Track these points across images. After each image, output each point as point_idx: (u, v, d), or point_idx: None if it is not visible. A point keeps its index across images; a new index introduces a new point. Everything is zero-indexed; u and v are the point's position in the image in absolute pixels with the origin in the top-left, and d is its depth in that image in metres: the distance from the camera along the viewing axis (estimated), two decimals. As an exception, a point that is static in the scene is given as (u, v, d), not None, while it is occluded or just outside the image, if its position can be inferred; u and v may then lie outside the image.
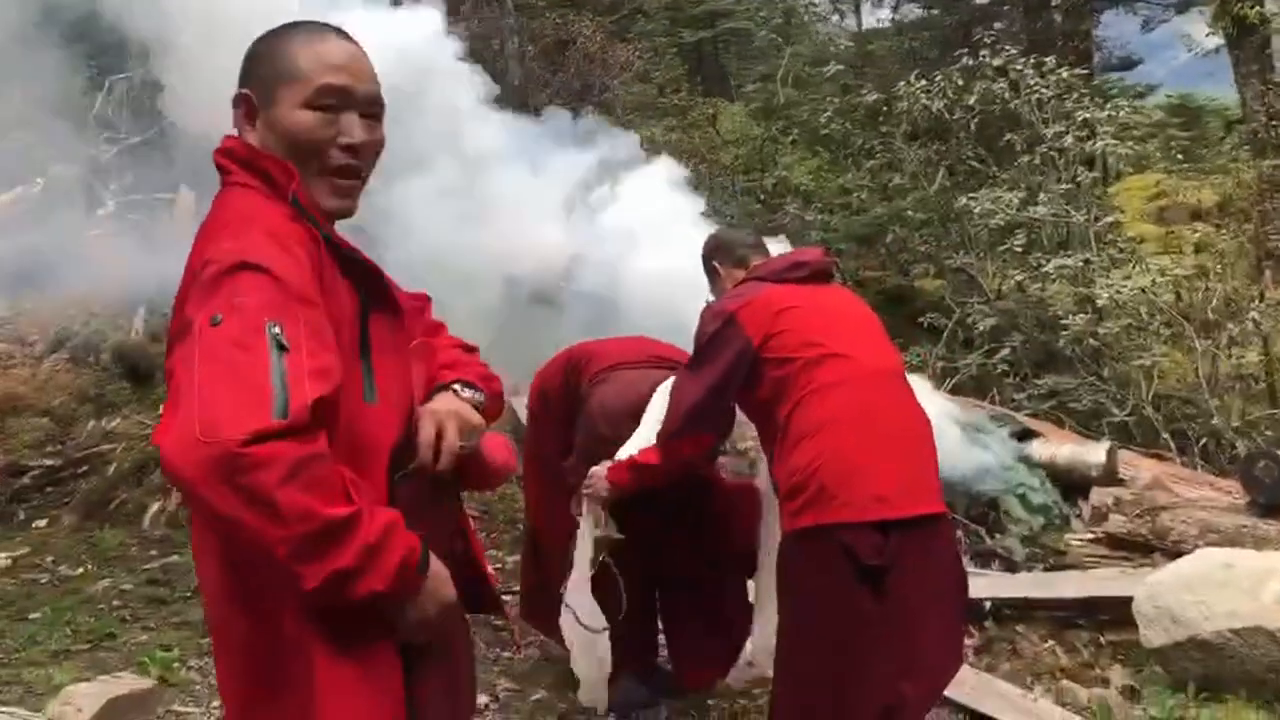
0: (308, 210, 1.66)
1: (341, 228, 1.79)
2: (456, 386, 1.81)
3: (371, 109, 1.73)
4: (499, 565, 5.30)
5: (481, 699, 3.96)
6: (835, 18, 21.46)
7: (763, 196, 12.34)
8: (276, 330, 1.48)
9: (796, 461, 2.84)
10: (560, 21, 18.98)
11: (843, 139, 12.06)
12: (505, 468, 1.93)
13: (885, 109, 11.34)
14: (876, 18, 20.90)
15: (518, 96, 17.14)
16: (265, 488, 1.42)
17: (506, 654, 4.42)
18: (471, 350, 1.97)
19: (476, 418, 1.80)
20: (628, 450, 3.55)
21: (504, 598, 4.69)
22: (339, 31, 1.75)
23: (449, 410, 1.75)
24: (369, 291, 1.70)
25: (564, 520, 3.92)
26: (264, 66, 1.70)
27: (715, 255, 3.39)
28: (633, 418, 3.66)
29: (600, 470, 3.48)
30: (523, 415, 4.50)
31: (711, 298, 3.39)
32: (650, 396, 3.64)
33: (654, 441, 3.39)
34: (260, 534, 1.45)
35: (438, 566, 1.66)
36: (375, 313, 1.70)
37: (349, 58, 1.71)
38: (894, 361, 3.14)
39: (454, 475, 1.78)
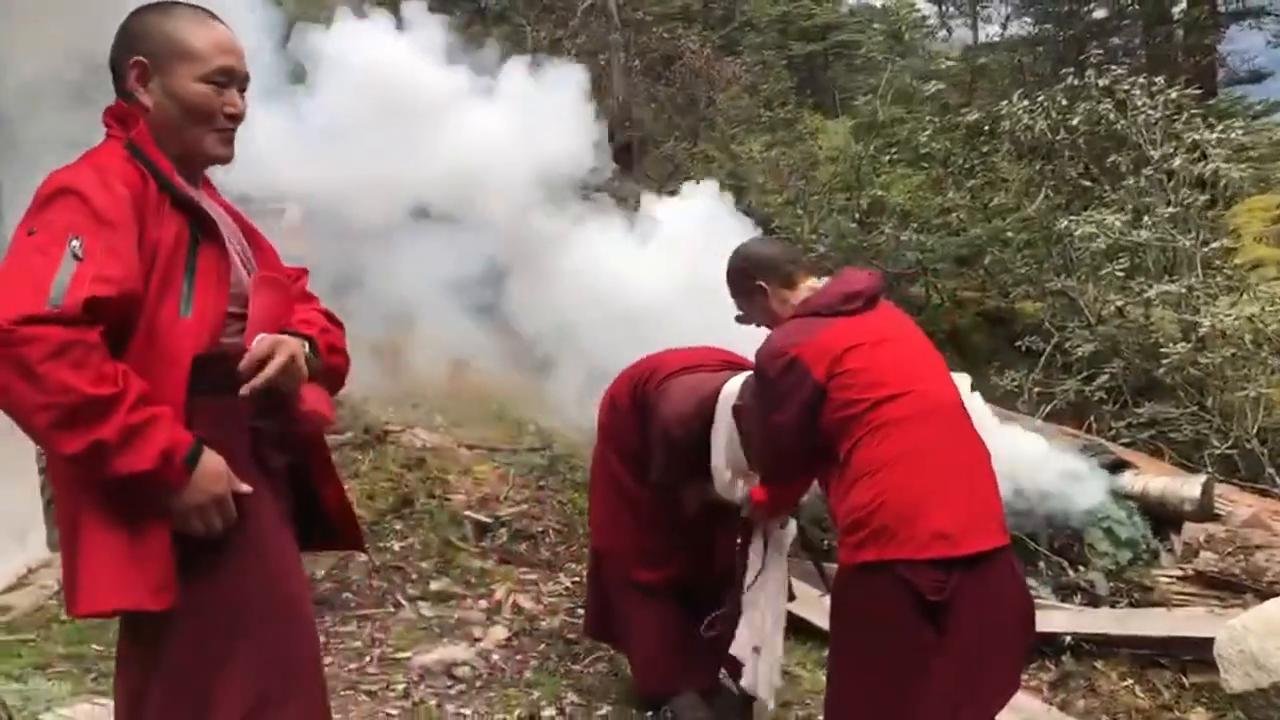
0: (143, 153, 2.00)
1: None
2: (305, 341, 2.10)
3: (244, 84, 2.14)
4: (576, 578, 5.42)
5: (548, 711, 4.08)
6: (943, 33, 21.13)
7: (858, 215, 12.24)
8: (75, 244, 1.81)
9: (858, 498, 2.86)
10: (667, 36, 19.13)
11: (943, 157, 11.87)
12: (315, 413, 2.15)
13: (988, 128, 11.15)
14: (986, 33, 20.55)
15: (622, 111, 17.37)
16: (29, 361, 1.73)
17: (576, 667, 4.52)
18: (336, 322, 2.29)
19: (305, 369, 2.07)
20: (718, 464, 3.67)
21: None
22: (214, 16, 2.13)
23: (287, 346, 2.02)
24: (199, 226, 2.02)
25: (628, 538, 4.02)
26: (157, 41, 2.04)
27: (758, 273, 3.25)
28: (701, 418, 3.74)
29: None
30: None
31: (740, 311, 3.36)
32: (717, 395, 3.72)
33: (729, 456, 3.60)
34: (22, 400, 1.76)
35: (213, 462, 1.91)
36: (204, 243, 2.02)
37: (234, 43, 2.11)
38: (952, 392, 3.12)
39: (275, 404, 2.05)
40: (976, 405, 6.23)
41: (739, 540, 3.81)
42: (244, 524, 1.97)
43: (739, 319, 3.41)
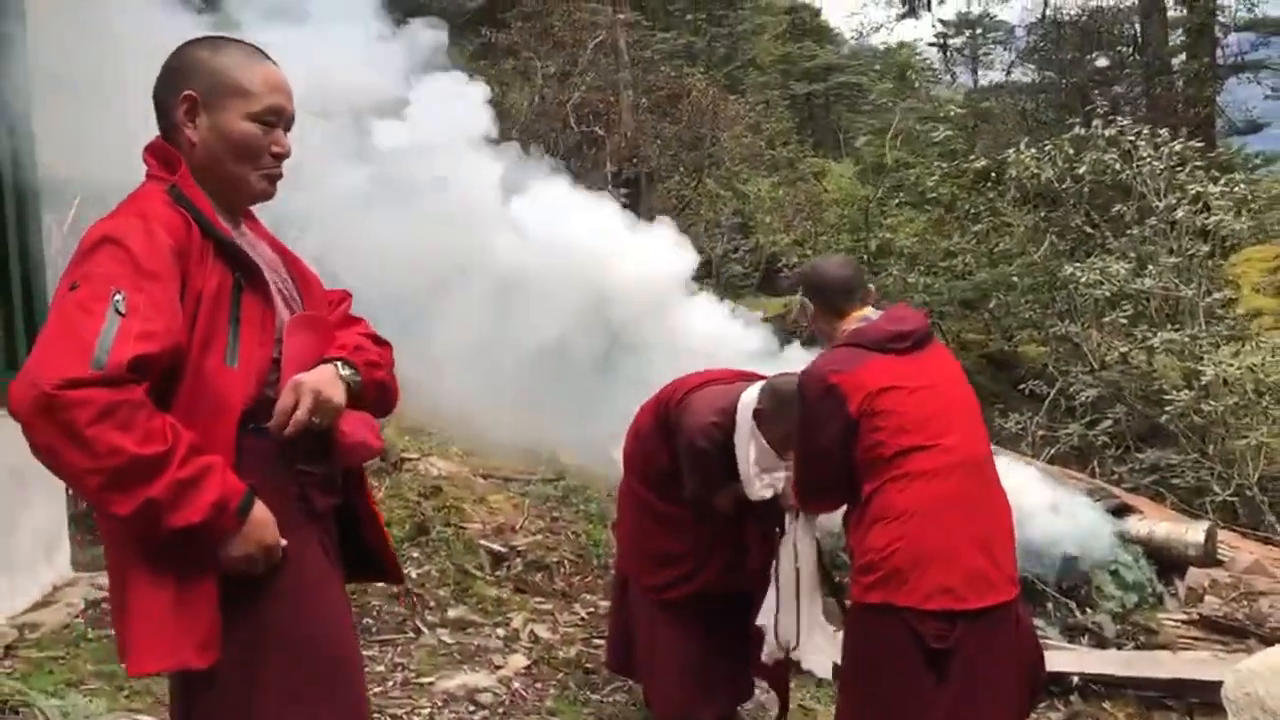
0: (186, 198, 1.96)
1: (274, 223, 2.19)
2: (338, 363, 2.06)
3: (290, 124, 2.11)
4: (592, 609, 5.50)
5: (570, 738, 4.14)
6: (948, 78, 21.42)
7: (865, 257, 12.39)
8: (119, 298, 1.79)
9: (874, 541, 2.95)
10: (674, 74, 19.39)
11: (950, 202, 12.05)
12: (361, 445, 2.10)
13: (994, 174, 11.33)
14: (989, 79, 20.84)
15: (629, 146, 17.59)
16: (76, 425, 1.72)
17: (595, 696, 4.59)
18: (381, 342, 2.24)
19: (338, 396, 2.02)
20: (745, 471, 3.76)
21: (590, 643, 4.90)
22: (264, 53, 2.11)
23: (312, 386, 1.98)
24: (243, 272, 1.99)
25: (656, 556, 4.08)
26: (207, 76, 2.02)
27: (813, 294, 3.33)
28: (723, 428, 3.83)
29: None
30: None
31: (802, 320, 3.51)
32: (735, 404, 3.82)
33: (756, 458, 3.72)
34: (72, 464, 1.75)
35: (262, 513, 1.90)
36: (248, 290, 1.99)
37: (284, 82, 2.08)
38: (984, 447, 3.17)
39: (322, 443, 2.02)
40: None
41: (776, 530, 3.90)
42: (289, 580, 1.98)
43: (807, 325, 3.49)
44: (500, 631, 5.20)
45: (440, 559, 5.86)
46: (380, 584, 5.36)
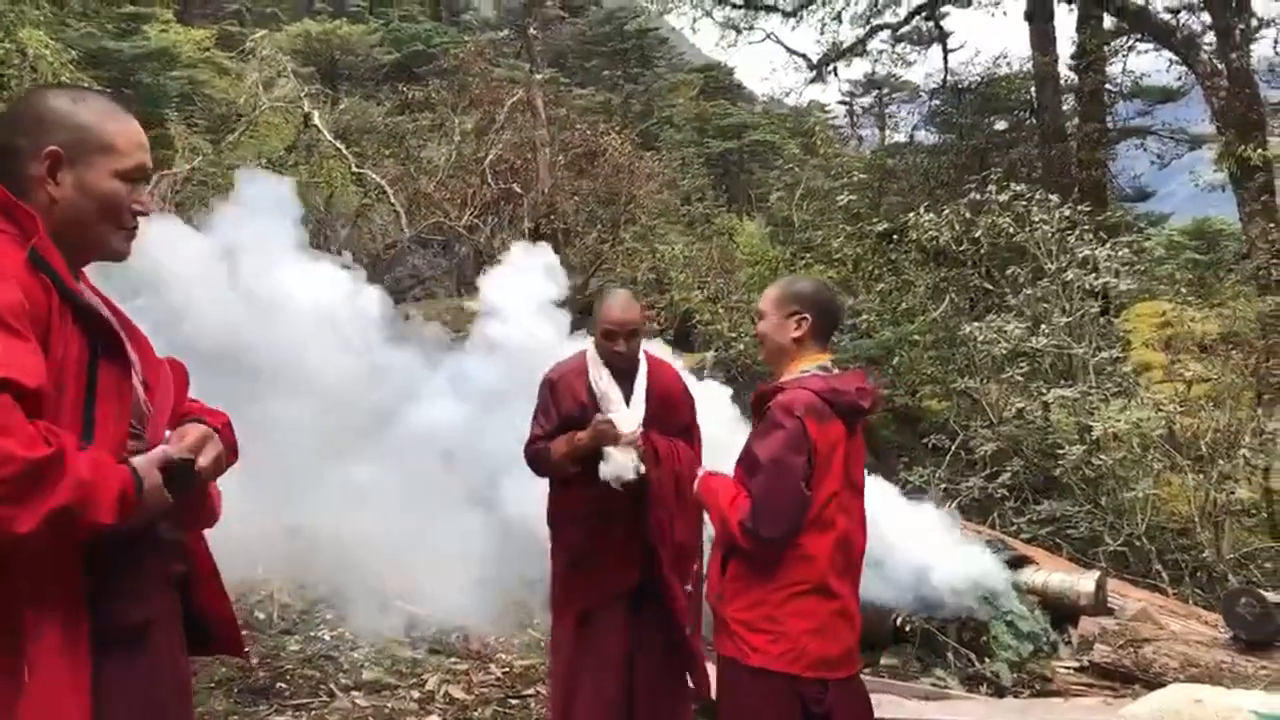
0: (46, 261, 1.84)
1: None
2: (215, 427, 2.03)
3: (149, 180, 2.08)
4: (506, 669, 5.56)
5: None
6: (855, 140, 22.13)
7: (775, 314, 12.67)
8: None
9: (771, 609, 3.12)
10: (591, 133, 19.71)
11: (855, 262, 12.48)
12: (213, 510, 2.09)
13: (896, 235, 11.78)
14: (894, 137, 21.59)
15: (546, 202, 17.79)
16: None
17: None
18: (218, 414, 2.16)
19: (223, 462, 2.02)
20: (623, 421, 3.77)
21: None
22: (124, 108, 2.05)
23: (215, 442, 1.98)
24: (101, 340, 1.89)
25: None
26: (73, 130, 1.93)
27: (817, 312, 3.28)
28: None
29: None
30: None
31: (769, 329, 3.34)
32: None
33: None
34: None
35: (153, 479, 1.83)
36: (104, 359, 1.88)
37: (145, 138, 2.04)
38: (863, 536, 3.34)
39: (178, 507, 1.92)
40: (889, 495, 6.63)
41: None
42: (155, 655, 1.94)
43: (759, 329, 3.44)
44: (415, 693, 5.24)
45: (355, 620, 5.88)
46: (295, 647, 5.40)
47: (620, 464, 3.72)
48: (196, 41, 20.52)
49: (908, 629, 6.14)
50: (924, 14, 20.36)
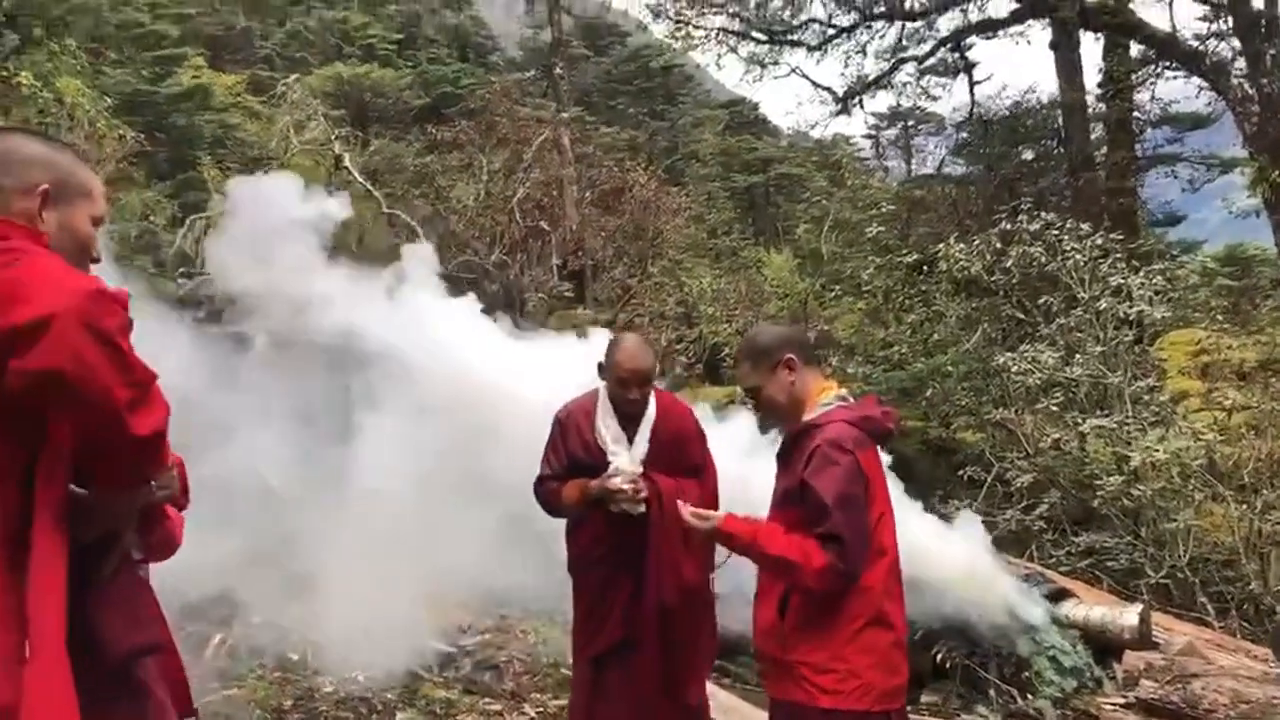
0: None
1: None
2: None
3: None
4: (541, 709, 5.50)
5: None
6: (881, 172, 22.12)
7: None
8: None
9: (836, 645, 3.08)
10: (617, 170, 19.86)
11: (885, 293, 12.42)
12: (174, 540, 2.18)
13: (926, 266, 11.72)
14: (922, 169, 21.53)
15: (574, 239, 17.91)
16: (109, 332, 1.73)
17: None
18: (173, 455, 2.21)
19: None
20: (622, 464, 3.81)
21: None
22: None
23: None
24: None
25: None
26: (56, 172, 2.01)
27: (791, 348, 3.26)
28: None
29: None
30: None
31: (762, 382, 3.26)
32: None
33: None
34: (103, 374, 1.72)
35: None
36: None
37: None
38: (897, 556, 3.35)
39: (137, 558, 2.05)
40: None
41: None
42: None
43: (749, 394, 3.39)
44: (449, 734, 5.19)
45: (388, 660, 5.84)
46: (329, 689, 5.37)
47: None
48: (228, 86, 20.87)
49: (948, 665, 6.03)
50: (949, 45, 20.34)
